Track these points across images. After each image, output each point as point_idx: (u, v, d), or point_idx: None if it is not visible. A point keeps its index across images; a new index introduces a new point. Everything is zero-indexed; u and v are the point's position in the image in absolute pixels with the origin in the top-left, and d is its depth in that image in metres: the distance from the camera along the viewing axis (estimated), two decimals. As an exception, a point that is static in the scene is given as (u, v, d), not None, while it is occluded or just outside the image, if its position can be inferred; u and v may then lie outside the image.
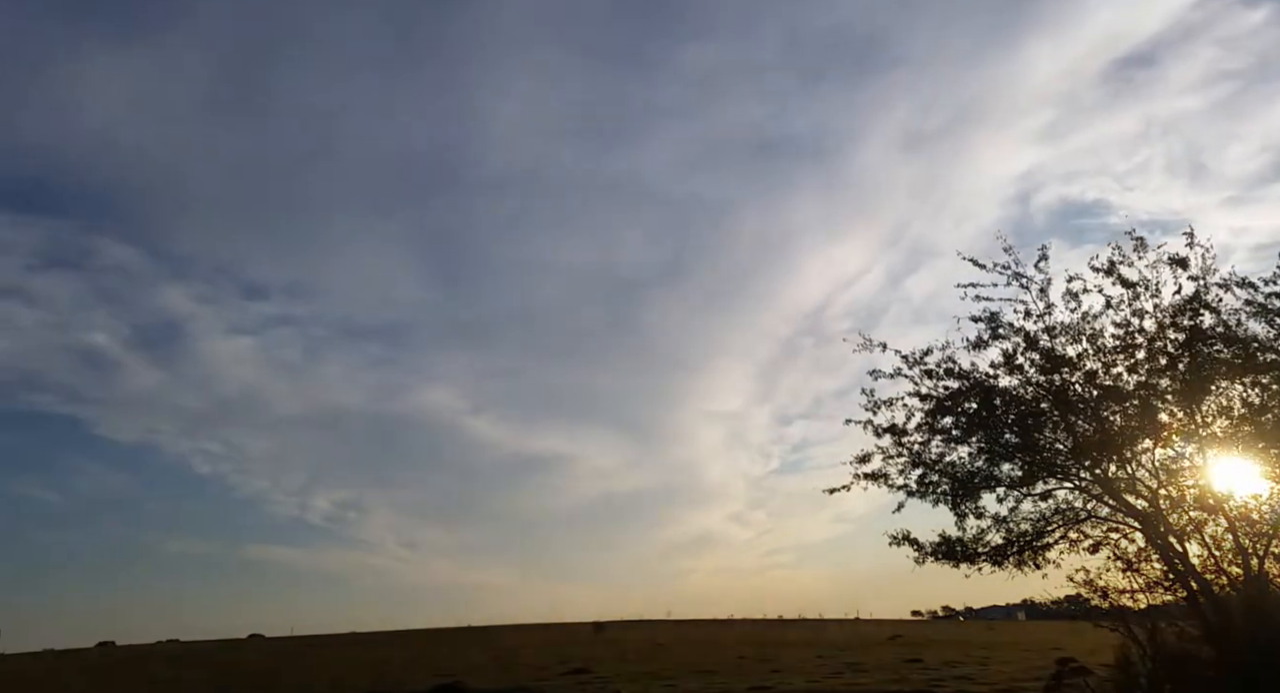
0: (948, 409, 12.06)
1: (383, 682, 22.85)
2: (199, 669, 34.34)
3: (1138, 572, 11.42)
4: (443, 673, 24.08)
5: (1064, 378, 11.52)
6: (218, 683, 26.15)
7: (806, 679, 18.84)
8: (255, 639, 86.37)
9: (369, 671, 28.12)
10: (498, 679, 21.60)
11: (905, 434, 12.29)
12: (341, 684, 22.91)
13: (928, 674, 19.21)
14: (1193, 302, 10.82)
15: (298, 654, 43.97)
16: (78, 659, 49.19)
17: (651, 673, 22.32)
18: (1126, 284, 11.15)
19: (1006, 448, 11.93)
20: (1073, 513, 11.92)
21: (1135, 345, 11.17)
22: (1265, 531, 10.58)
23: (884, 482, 12.37)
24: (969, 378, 11.99)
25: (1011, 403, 11.80)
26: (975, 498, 12.02)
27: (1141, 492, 11.26)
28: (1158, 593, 11.28)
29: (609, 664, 26.25)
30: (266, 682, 25.21)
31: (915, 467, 12.28)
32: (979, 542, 11.98)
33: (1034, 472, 11.86)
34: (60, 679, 31.64)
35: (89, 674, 33.91)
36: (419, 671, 26.61)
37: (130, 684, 27.93)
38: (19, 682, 32.17)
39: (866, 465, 12.41)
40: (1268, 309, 10.58)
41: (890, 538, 12.25)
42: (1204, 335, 10.78)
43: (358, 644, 55.77)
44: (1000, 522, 12.00)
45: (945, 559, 12.05)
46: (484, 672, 24.81)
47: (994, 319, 11.85)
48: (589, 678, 21.23)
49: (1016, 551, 11.85)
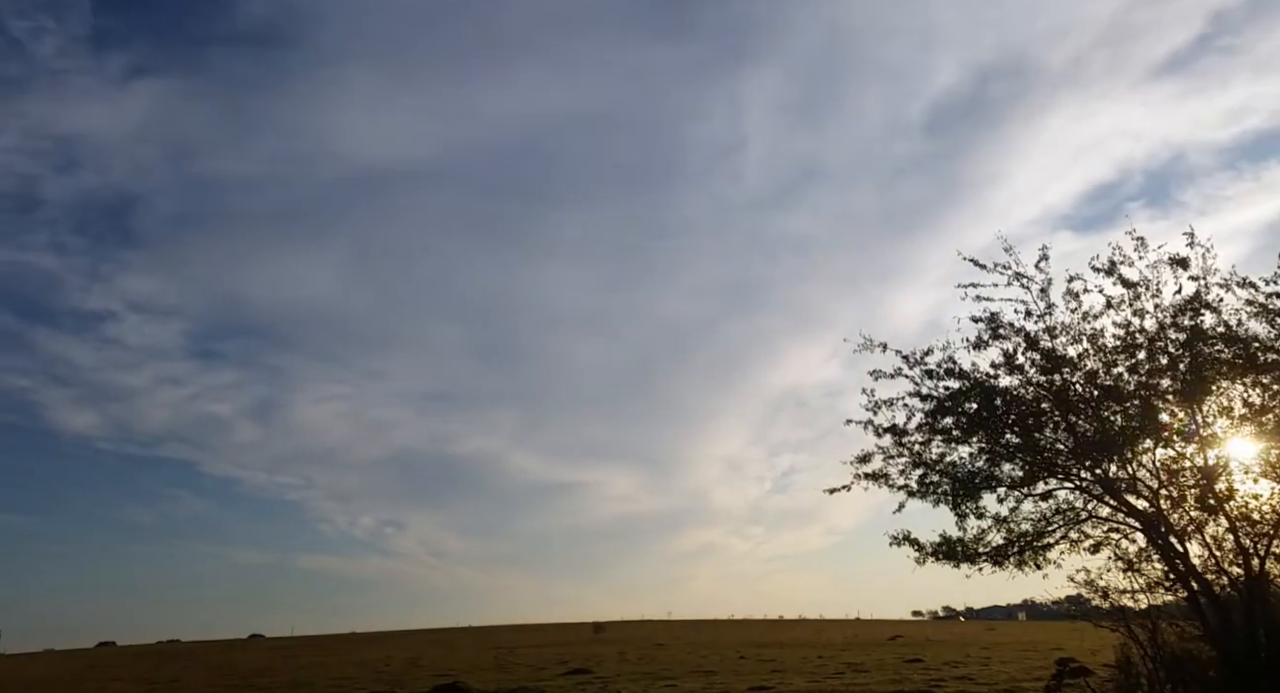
0: (948, 409, 12.02)
1: (383, 682, 22.83)
2: (199, 669, 34.35)
3: (1138, 572, 11.41)
4: (443, 673, 24.08)
5: (1065, 378, 11.50)
6: (218, 683, 26.13)
7: (806, 679, 18.83)
8: (255, 639, 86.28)
9: (369, 671, 28.11)
10: (498, 679, 21.59)
11: (906, 434, 12.27)
12: (342, 684, 22.90)
13: (928, 674, 19.20)
14: (1193, 301, 10.80)
15: (298, 654, 43.97)
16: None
17: (651, 673, 22.31)
18: (1127, 284, 11.12)
19: (1007, 448, 11.91)
20: (1073, 513, 11.90)
21: (1136, 345, 11.15)
22: (1266, 531, 10.56)
23: (884, 482, 12.36)
24: (969, 378, 11.96)
25: (1012, 403, 11.77)
26: (976, 498, 12.00)
27: (1142, 492, 11.24)
28: (1158, 593, 11.28)
29: (609, 664, 26.24)
30: (267, 682, 25.19)
31: (916, 467, 12.27)
32: (980, 542, 11.97)
33: (1035, 472, 11.83)
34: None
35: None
36: (419, 671, 26.61)
37: (131, 684, 27.91)
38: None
39: (867, 466, 12.41)
40: (1268, 309, 10.56)
41: (891, 538, 12.24)
42: (1205, 335, 10.76)
43: (358, 644, 55.78)
44: (1001, 522, 11.98)
45: (946, 559, 12.03)
46: (484, 672, 24.80)
47: (994, 319, 11.83)
48: (589, 678, 21.23)
49: (1017, 551, 11.83)
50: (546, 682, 20.50)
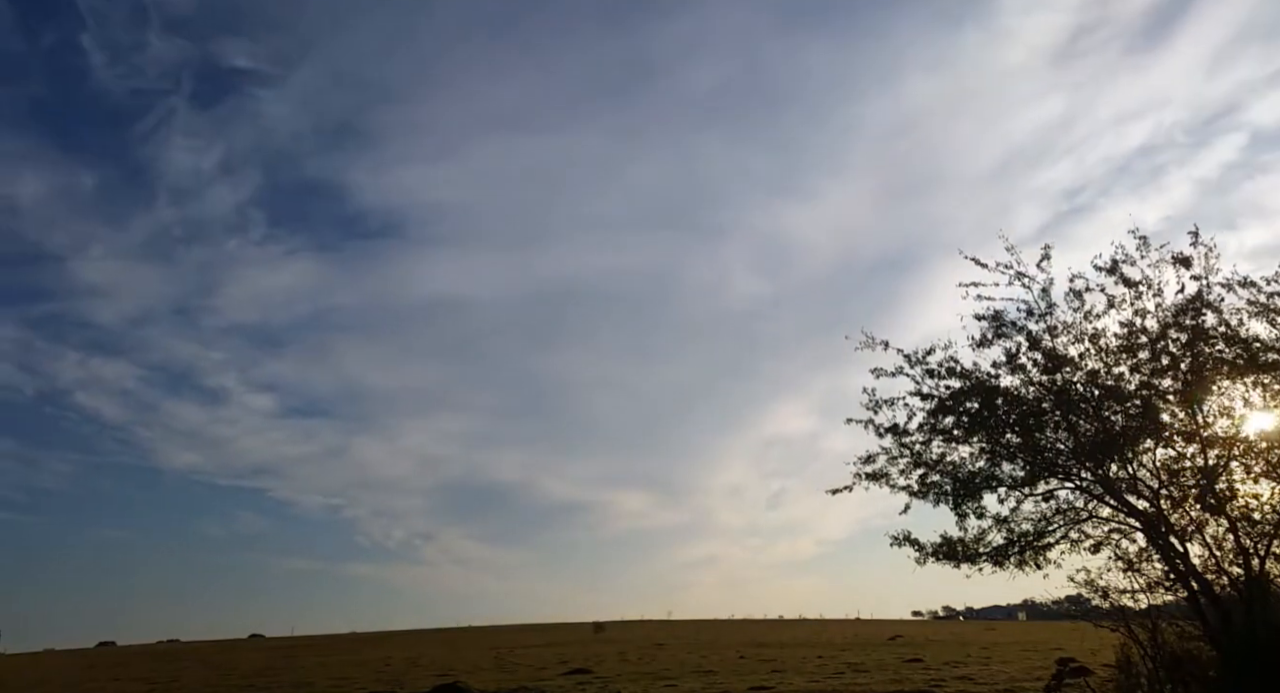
0: (949, 409, 12.03)
1: (383, 682, 22.83)
2: (199, 669, 34.34)
3: (1139, 572, 11.40)
4: (443, 673, 24.08)
5: (1066, 378, 11.50)
6: (218, 683, 26.13)
7: (807, 679, 18.83)
8: (255, 639, 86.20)
9: (369, 670, 28.11)
10: (498, 679, 21.58)
11: (907, 434, 12.27)
12: (342, 684, 22.89)
13: (928, 674, 19.20)
14: (1195, 301, 10.80)
15: (298, 654, 43.96)
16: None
17: (651, 673, 22.31)
18: (1129, 283, 11.12)
19: (1008, 448, 11.91)
20: (1074, 513, 11.90)
21: (1138, 345, 11.15)
22: (1266, 531, 10.56)
23: (885, 482, 12.36)
24: (971, 377, 11.96)
25: (1013, 403, 11.77)
26: (977, 498, 12.00)
27: (1143, 492, 11.24)
28: (1158, 593, 11.27)
29: (609, 664, 26.23)
30: (267, 682, 25.18)
31: (917, 467, 12.27)
32: (980, 542, 11.97)
33: (1035, 472, 11.83)
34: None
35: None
36: (419, 670, 26.60)
37: (129, 684, 27.91)
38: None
39: (868, 466, 12.41)
40: (1270, 309, 10.56)
41: (891, 538, 12.25)
42: (1206, 335, 10.76)
43: (358, 644, 55.78)
44: (1001, 522, 11.97)
45: (946, 560, 12.04)
46: (484, 672, 24.79)
47: (996, 318, 11.84)
48: (589, 678, 21.22)
49: (1018, 551, 11.83)
50: (547, 682, 20.50)
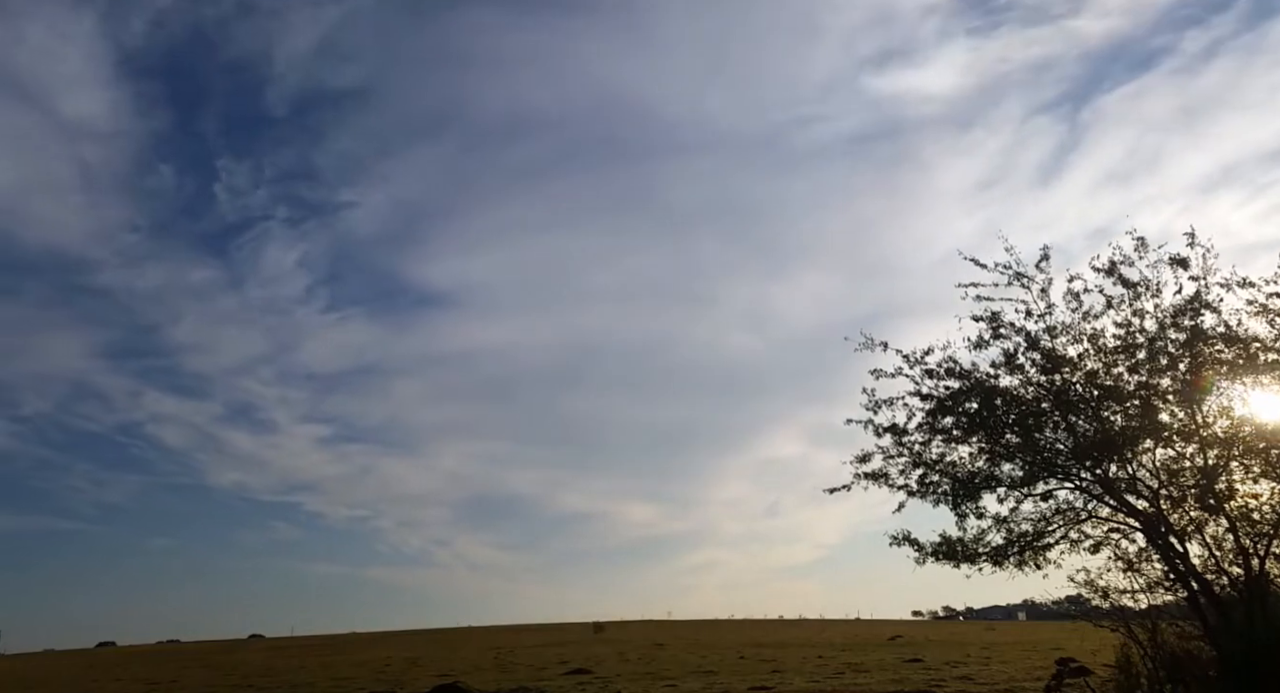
0: (948, 409, 12.03)
1: (383, 682, 22.84)
2: (199, 669, 34.35)
3: (1138, 572, 11.42)
4: (443, 673, 24.08)
5: (1065, 378, 11.51)
6: (218, 683, 26.14)
7: (807, 679, 18.83)
8: (255, 639, 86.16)
9: (369, 670, 28.12)
10: (498, 679, 21.58)
11: (906, 434, 12.28)
12: (342, 684, 22.90)
13: (928, 674, 19.20)
14: (1193, 301, 10.81)
15: (298, 654, 43.98)
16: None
17: (651, 673, 22.31)
18: (1127, 284, 11.13)
19: (1007, 448, 11.91)
20: (1073, 513, 11.91)
21: (1136, 345, 11.16)
22: (1266, 531, 10.56)
23: (884, 481, 12.37)
24: (970, 378, 11.97)
25: (1012, 403, 11.78)
26: (976, 498, 12.01)
27: (1142, 492, 11.25)
28: (1158, 593, 11.28)
29: (609, 664, 26.24)
30: (267, 682, 25.19)
31: (916, 467, 12.28)
32: (980, 542, 11.97)
33: (1035, 472, 11.84)
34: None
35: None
36: (419, 671, 26.61)
37: (130, 685, 27.92)
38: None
39: (865, 465, 12.42)
40: (1269, 309, 10.56)
41: (890, 538, 12.26)
42: (1205, 335, 10.76)
43: (359, 644, 55.79)
44: (1001, 522, 11.99)
45: (946, 559, 12.04)
46: (484, 672, 24.79)
47: (995, 319, 11.84)
48: (589, 678, 21.22)
49: (1017, 551, 11.84)
50: (547, 682, 20.50)
